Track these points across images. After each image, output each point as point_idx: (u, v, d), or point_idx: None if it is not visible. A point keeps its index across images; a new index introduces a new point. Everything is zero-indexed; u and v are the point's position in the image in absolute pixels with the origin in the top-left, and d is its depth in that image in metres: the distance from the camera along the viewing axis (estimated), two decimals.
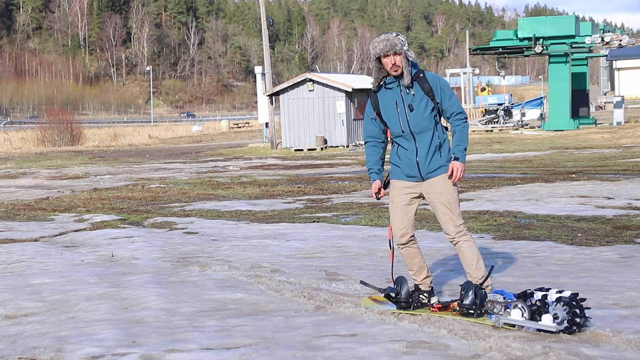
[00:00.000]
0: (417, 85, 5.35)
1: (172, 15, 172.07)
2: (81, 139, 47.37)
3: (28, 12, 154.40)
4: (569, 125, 36.98)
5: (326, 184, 16.37)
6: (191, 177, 19.83)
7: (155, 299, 6.07)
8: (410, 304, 5.42)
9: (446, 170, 5.38)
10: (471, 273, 5.38)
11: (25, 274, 7.47)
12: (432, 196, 5.40)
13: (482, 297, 5.14)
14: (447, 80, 5.54)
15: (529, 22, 40.04)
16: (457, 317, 5.16)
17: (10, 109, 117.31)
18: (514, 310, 4.89)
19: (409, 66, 5.31)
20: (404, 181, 5.48)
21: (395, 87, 5.38)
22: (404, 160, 5.43)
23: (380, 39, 5.30)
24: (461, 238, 5.35)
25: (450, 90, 5.42)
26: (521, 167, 18.95)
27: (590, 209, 10.74)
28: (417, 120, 5.34)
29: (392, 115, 5.41)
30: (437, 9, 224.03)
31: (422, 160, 5.36)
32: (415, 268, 5.53)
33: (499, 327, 4.92)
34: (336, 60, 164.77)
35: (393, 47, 5.23)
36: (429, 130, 5.36)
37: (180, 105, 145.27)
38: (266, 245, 8.78)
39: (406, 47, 5.29)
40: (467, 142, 5.40)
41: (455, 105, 5.41)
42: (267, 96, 35.90)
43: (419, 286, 5.54)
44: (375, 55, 5.32)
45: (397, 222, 5.49)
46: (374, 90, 5.49)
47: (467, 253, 5.37)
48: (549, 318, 4.75)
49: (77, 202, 14.32)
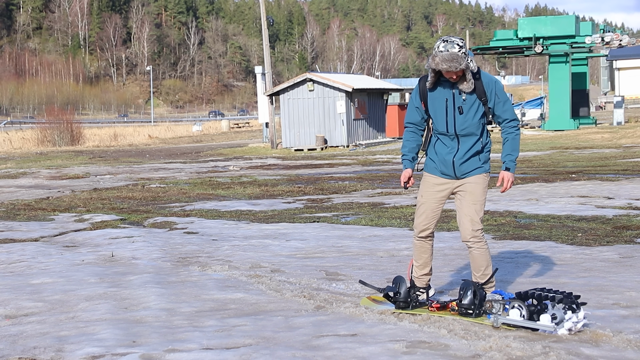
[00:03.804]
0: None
1: (172, 15, 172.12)
2: (81, 139, 47.36)
3: (28, 12, 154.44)
4: (569, 125, 36.97)
5: (326, 184, 16.37)
6: (191, 177, 19.83)
7: (156, 299, 6.07)
8: (409, 303, 5.41)
9: (481, 171, 5.29)
10: (477, 276, 5.37)
11: (26, 273, 7.46)
12: (462, 194, 5.33)
13: (481, 297, 5.12)
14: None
15: (529, 22, 40.03)
16: (456, 316, 5.16)
17: (10, 109, 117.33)
18: (513, 310, 4.89)
19: (470, 75, 5.10)
20: (437, 177, 5.39)
21: (448, 84, 5.20)
22: (440, 157, 5.32)
23: (445, 57, 4.99)
24: (476, 244, 5.29)
25: (505, 96, 5.26)
26: (521, 167, 18.95)
27: (590, 209, 10.74)
28: (465, 124, 5.21)
29: (439, 113, 5.26)
30: (438, 9, 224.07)
31: (459, 162, 5.27)
32: (421, 261, 5.50)
33: (498, 327, 4.92)
34: (336, 60, 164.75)
35: (457, 67, 5.00)
36: (475, 135, 5.25)
37: (180, 106, 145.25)
38: (266, 245, 8.78)
39: (469, 59, 5.05)
40: (519, 151, 5.28)
41: (508, 112, 5.25)
42: (267, 96, 35.89)
43: (414, 282, 5.52)
44: (435, 69, 5.09)
45: (422, 217, 5.42)
46: (426, 81, 5.26)
47: (479, 259, 5.33)
48: (547, 318, 4.75)
49: (77, 202, 14.31)
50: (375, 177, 17.68)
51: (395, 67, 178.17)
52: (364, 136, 34.92)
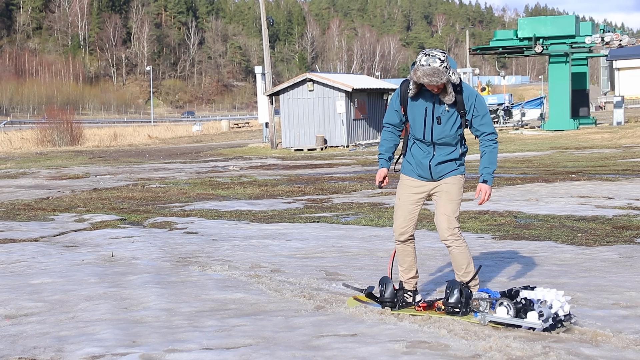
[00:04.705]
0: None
1: (172, 15, 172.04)
2: (81, 139, 47.33)
3: (28, 12, 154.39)
4: (569, 125, 36.97)
5: (326, 184, 16.37)
6: (191, 177, 19.83)
7: (155, 299, 6.07)
8: (395, 303, 5.45)
9: (457, 173, 5.37)
10: (460, 275, 5.44)
11: (26, 273, 7.47)
12: (438, 194, 5.40)
13: (467, 295, 5.16)
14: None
15: (529, 22, 40.03)
16: (443, 315, 5.17)
17: (10, 109, 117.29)
18: (500, 308, 4.92)
19: (451, 88, 5.13)
20: (414, 179, 5.46)
21: (429, 93, 5.23)
22: (417, 160, 5.40)
23: (426, 71, 5.01)
24: (454, 243, 5.35)
25: (485, 110, 5.30)
26: (521, 167, 18.95)
27: (590, 209, 10.74)
28: (442, 134, 5.27)
29: (417, 120, 5.32)
30: (437, 9, 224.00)
31: (435, 166, 5.35)
32: (405, 265, 5.55)
33: (485, 325, 4.94)
34: (336, 60, 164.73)
35: (438, 82, 5.02)
36: (451, 145, 5.34)
37: (180, 105, 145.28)
38: (266, 245, 8.78)
39: (450, 72, 5.07)
40: (496, 164, 5.33)
41: (486, 126, 5.31)
42: (267, 96, 35.90)
43: (403, 284, 5.56)
44: (417, 82, 5.12)
45: (399, 219, 5.49)
46: (408, 85, 5.28)
47: (459, 257, 5.40)
48: (535, 315, 4.77)
49: (77, 202, 14.31)
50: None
51: (395, 67, 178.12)
52: (363, 136, 34.92)
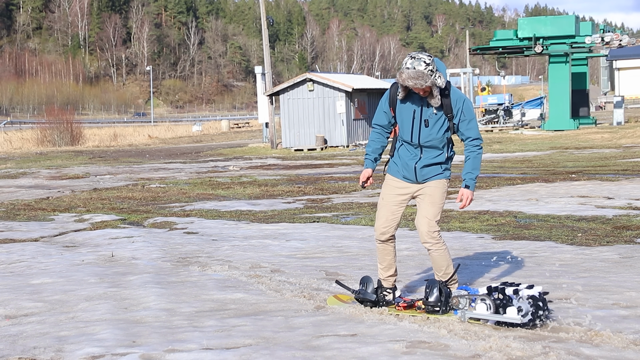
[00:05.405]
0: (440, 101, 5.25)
1: (172, 15, 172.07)
2: (81, 139, 47.32)
3: (28, 12, 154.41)
4: (569, 125, 36.98)
5: (326, 184, 16.37)
6: (191, 177, 19.83)
7: (155, 299, 6.07)
8: (376, 303, 5.49)
9: (442, 177, 5.42)
10: (440, 275, 5.49)
11: (25, 274, 7.47)
12: (421, 197, 5.46)
13: (447, 294, 5.21)
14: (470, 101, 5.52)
15: (529, 22, 40.04)
16: (423, 314, 5.20)
17: (10, 109, 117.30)
18: (479, 304, 4.96)
19: (437, 91, 5.17)
20: (399, 180, 5.53)
21: (418, 96, 5.28)
22: (403, 161, 5.46)
23: (410, 74, 5.06)
24: (434, 246, 5.40)
25: (472, 115, 5.33)
26: (521, 167, 18.95)
27: (590, 209, 10.74)
28: (429, 137, 5.31)
29: (406, 123, 5.36)
30: (437, 9, 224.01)
31: (420, 168, 5.39)
32: (385, 264, 5.60)
33: (465, 321, 4.98)
34: (336, 60, 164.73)
35: (422, 85, 5.07)
36: (438, 148, 5.37)
37: (180, 106, 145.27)
38: (266, 245, 8.78)
39: (436, 75, 5.11)
40: (479, 170, 5.37)
41: (472, 131, 5.34)
42: (267, 96, 35.89)
43: (381, 282, 5.61)
44: (403, 85, 5.18)
45: (381, 219, 5.54)
46: (397, 88, 5.33)
47: (438, 260, 5.46)
48: (514, 311, 4.80)
49: (77, 202, 14.31)
50: (375, 177, 17.66)
51: (395, 67, 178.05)
52: (363, 136, 34.92)
